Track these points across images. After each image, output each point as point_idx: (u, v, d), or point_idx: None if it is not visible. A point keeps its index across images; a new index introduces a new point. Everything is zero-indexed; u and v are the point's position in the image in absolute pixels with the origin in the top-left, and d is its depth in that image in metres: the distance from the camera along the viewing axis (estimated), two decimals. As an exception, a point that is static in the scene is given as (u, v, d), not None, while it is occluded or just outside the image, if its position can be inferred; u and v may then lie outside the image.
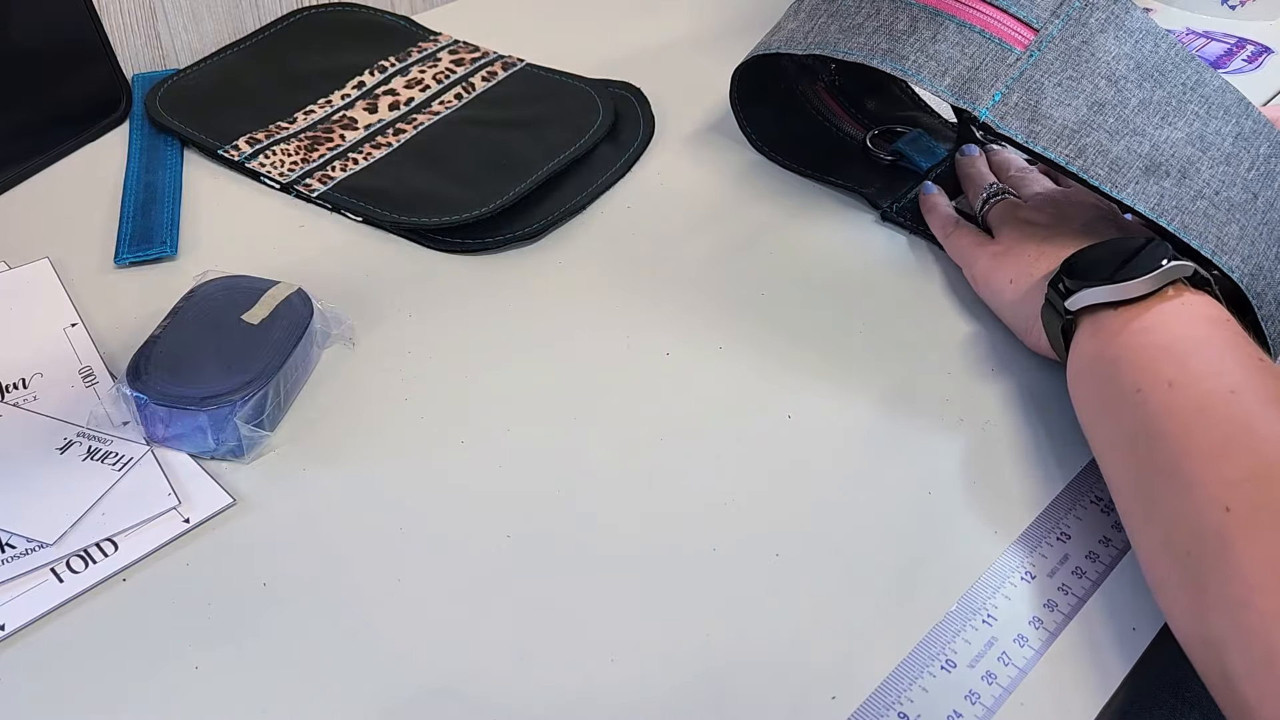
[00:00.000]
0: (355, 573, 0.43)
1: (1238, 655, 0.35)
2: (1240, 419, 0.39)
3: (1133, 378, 0.43)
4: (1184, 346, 0.43)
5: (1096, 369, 0.45)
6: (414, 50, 0.74)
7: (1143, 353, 0.43)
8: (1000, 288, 0.53)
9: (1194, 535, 0.38)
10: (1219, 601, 0.36)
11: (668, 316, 0.55)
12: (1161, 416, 0.41)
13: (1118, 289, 0.45)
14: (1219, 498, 0.38)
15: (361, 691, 0.39)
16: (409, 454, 0.48)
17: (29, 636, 0.40)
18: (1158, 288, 0.45)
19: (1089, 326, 0.46)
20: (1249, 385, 0.40)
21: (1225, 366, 0.41)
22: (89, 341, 0.52)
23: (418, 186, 0.62)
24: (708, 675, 0.40)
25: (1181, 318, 0.44)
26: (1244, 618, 0.35)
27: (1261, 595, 0.35)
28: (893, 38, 0.53)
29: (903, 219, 0.63)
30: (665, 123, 0.70)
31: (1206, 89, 0.52)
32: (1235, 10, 0.85)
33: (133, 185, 0.62)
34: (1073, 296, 0.46)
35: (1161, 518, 0.40)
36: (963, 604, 0.42)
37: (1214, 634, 0.36)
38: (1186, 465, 0.39)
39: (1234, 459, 0.38)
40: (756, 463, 0.48)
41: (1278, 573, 0.35)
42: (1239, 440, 0.39)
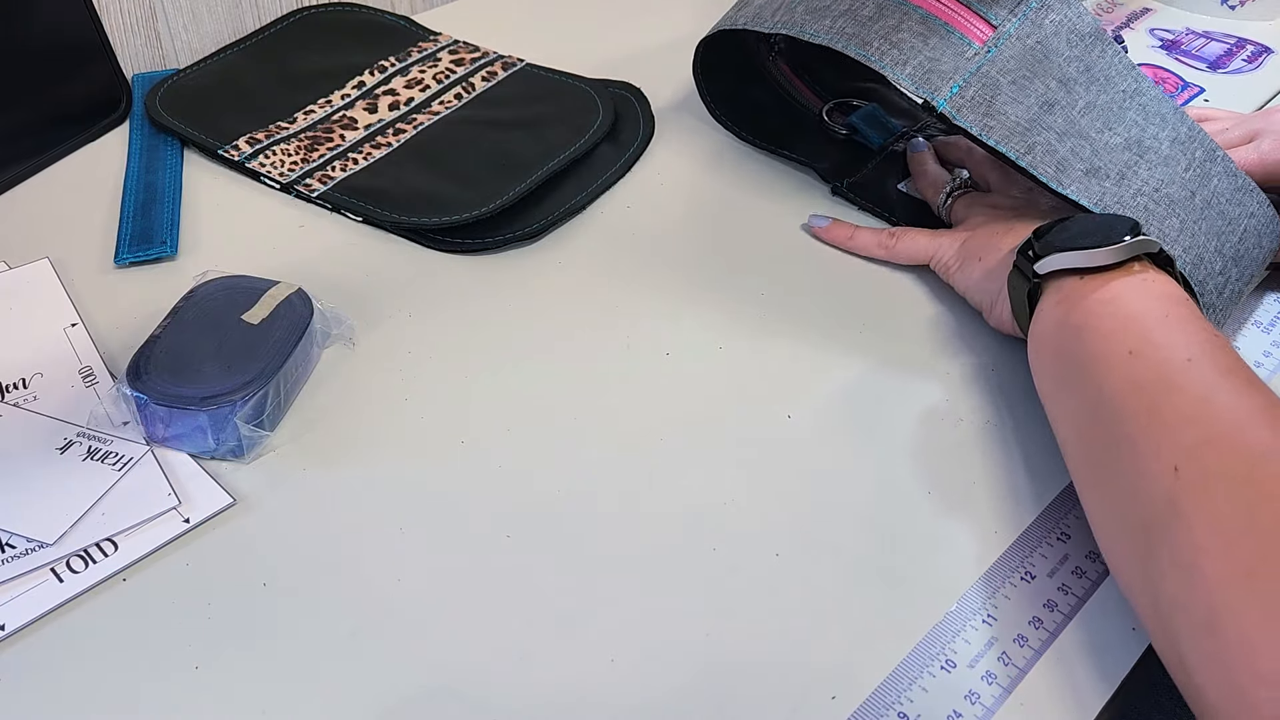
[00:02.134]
0: (355, 573, 0.43)
1: (1183, 618, 0.36)
2: (1196, 388, 0.40)
3: (1094, 346, 0.44)
4: (1145, 319, 0.43)
5: (1059, 335, 0.46)
6: (414, 50, 0.74)
7: (1105, 321, 0.44)
8: (970, 268, 0.54)
9: (1146, 501, 0.38)
10: (1168, 565, 0.37)
11: (668, 316, 0.55)
12: (1119, 383, 0.42)
13: (1086, 255, 0.46)
14: (1169, 460, 0.38)
15: (361, 691, 0.39)
16: (409, 454, 0.48)
17: (29, 636, 0.40)
18: (1124, 259, 0.45)
19: (1054, 293, 0.47)
20: (1205, 356, 0.41)
21: (1185, 340, 0.42)
22: (89, 341, 0.52)
23: (418, 186, 0.62)
24: (708, 675, 0.40)
25: (1143, 292, 0.44)
26: (1191, 580, 0.36)
27: (1208, 558, 0.35)
28: (858, 23, 0.54)
29: (854, 195, 0.64)
30: (665, 123, 0.70)
31: (1144, 97, 0.54)
32: (1235, 10, 0.85)
33: (133, 185, 0.62)
34: (1041, 260, 0.47)
35: (1116, 486, 0.40)
36: (963, 604, 0.42)
37: (1163, 598, 0.37)
38: (1142, 433, 0.40)
39: (1187, 426, 0.39)
40: (756, 462, 0.48)
41: (1225, 536, 0.35)
42: (1193, 408, 0.39)
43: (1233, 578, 0.34)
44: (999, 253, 0.52)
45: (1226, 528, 0.35)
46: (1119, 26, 0.84)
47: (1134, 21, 0.85)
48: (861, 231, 0.60)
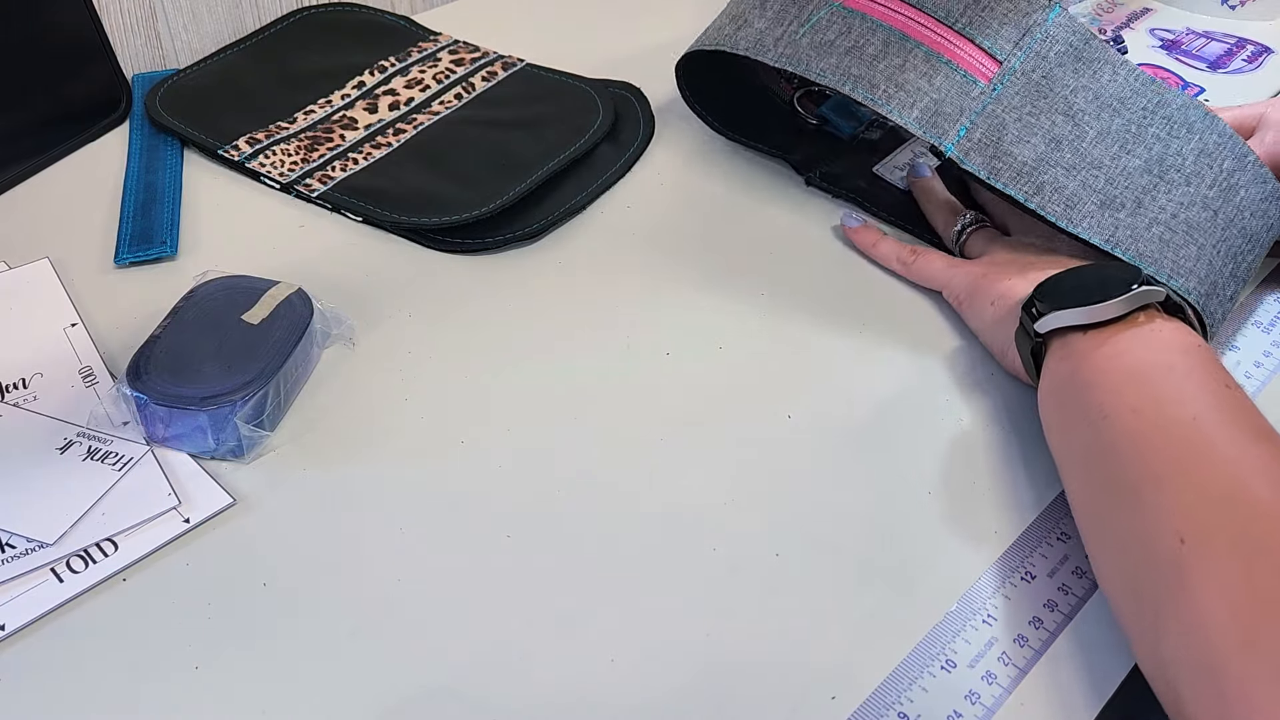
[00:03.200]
0: (355, 573, 0.43)
1: (1188, 683, 0.35)
2: (1199, 445, 0.39)
3: (1098, 401, 0.43)
4: (1150, 373, 0.42)
5: (1065, 391, 0.45)
6: (414, 50, 0.74)
7: (1109, 377, 0.43)
8: (982, 309, 0.53)
9: (1149, 561, 0.38)
10: (1172, 628, 0.36)
11: (668, 316, 0.55)
12: (1123, 440, 0.41)
13: (1087, 312, 0.45)
14: (1174, 526, 0.37)
15: (361, 691, 0.39)
16: (409, 454, 0.48)
17: (29, 636, 0.40)
18: (1127, 312, 0.44)
19: (1059, 349, 0.46)
20: (1212, 411, 0.40)
21: (1190, 393, 0.41)
22: (89, 341, 0.52)
23: (418, 186, 0.62)
24: (708, 675, 0.40)
25: (1150, 344, 0.44)
26: (1195, 647, 0.35)
27: (1213, 626, 0.35)
28: (864, 62, 0.53)
29: (826, 185, 0.64)
30: (665, 123, 0.70)
31: (1169, 109, 0.52)
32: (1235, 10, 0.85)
33: (133, 185, 0.62)
34: (1042, 319, 0.46)
35: (1120, 544, 0.40)
36: (963, 604, 0.42)
37: (1167, 659, 0.36)
38: (1143, 490, 0.39)
39: (1190, 485, 0.38)
40: (756, 462, 0.48)
41: (1230, 603, 0.35)
42: (1196, 466, 0.39)
43: (1236, 645, 0.34)
44: (1009, 300, 0.51)
45: (1229, 593, 0.35)
46: (1119, 26, 0.84)
47: (1134, 21, 0.85)
48: (886, 241, 0.59)
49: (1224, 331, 0.55)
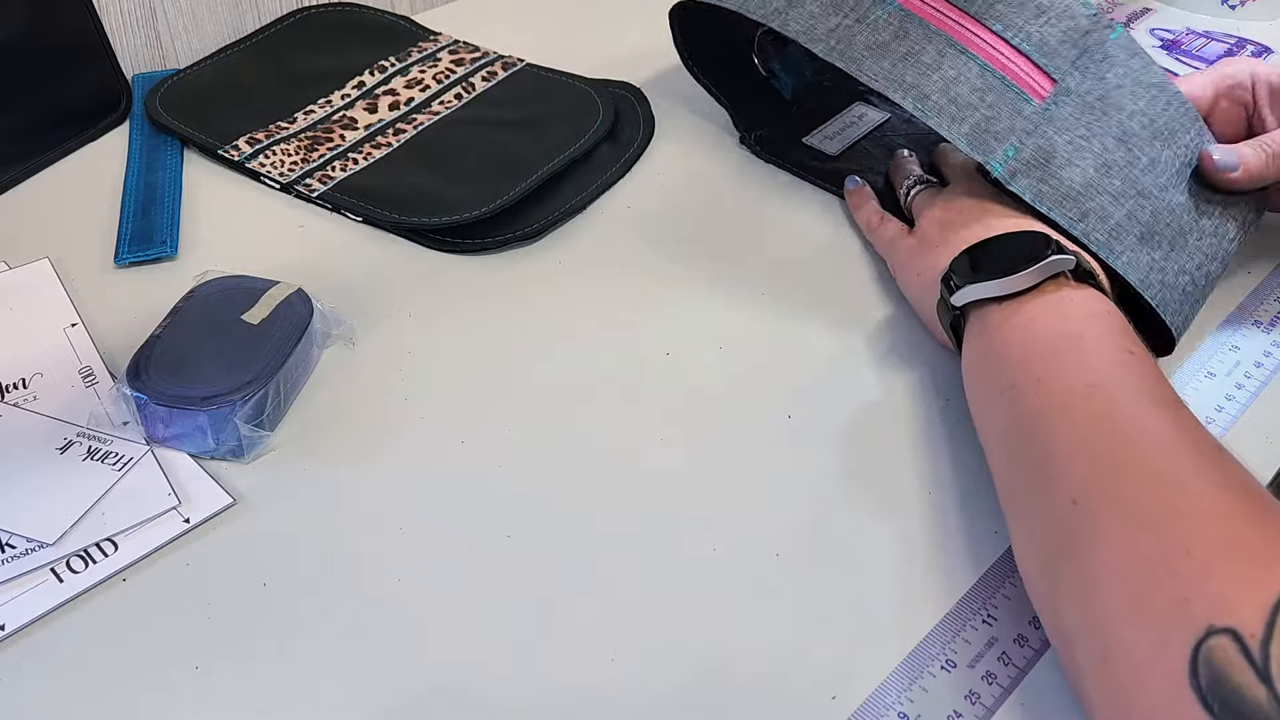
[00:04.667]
0: (355, 573, 0.43)
1: (1082, 649, 0.36)
2: (1095, 413, 0.40)
3: (1008, 375, 0.43)
4: (1055, 343, 0.43)
5: (982, 365, 0.46)
6: (414, 50, 0.74)
7: (1018, 349, 0.44)
8: (910, 280, 0.54)
9: (1049, 531, 0.38)
10: (1068, 594, 0.37)
11: (668, 316, 0.55)
12: (1027, 414, 0.42)
13: (999, 284, 0.45)
14: (1068, 491, 0.38)
15: (361, 691, 0.39)
16: (409, 453, 0.48)
17: (29, 636, 0.40)
18: (1039, 281, 0.45)
19: (976, 322, 0.47)
20: (1110, 378, 0.41)
21: (1092, 362, 0.42)
22: (89, 341, 0.52)
23: (418, 186, 0.62)
24: (708, 675, 0.40)
25: (1059, 313, 0.44)
26: (1087, 612, 0.36)
27: (1102, 589, 0.35)
28: (918, 70, 0.52)
29: (759, 149, 0.65)
30: (665, 123, 0.70)
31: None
32: (1235, 10, 0.85)
33: (133, 185, 0.62)
34: (958, 292, 0.47)
35: (1026, 513, 0.40)
36: (963, 604, 0.42)
37: (1066, 627, 0.37)
38: (1045, 463, 0.40)
39: (1086, 454, 0.39)
40: (756, 462, 0.48)
41: (1115, 567, 0.35)
42: (1093, 436, 0.39)
43: (1122, 610, 0.34)
44: (933, 271, 0.51)
45: (1117, 561, 0.35)
46: (1119, 26, 0.84)
47: (1134, 21, 0.85)
48: (869, 206, 0.60)
49: (1224, 331, 0.55)
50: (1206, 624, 0.32)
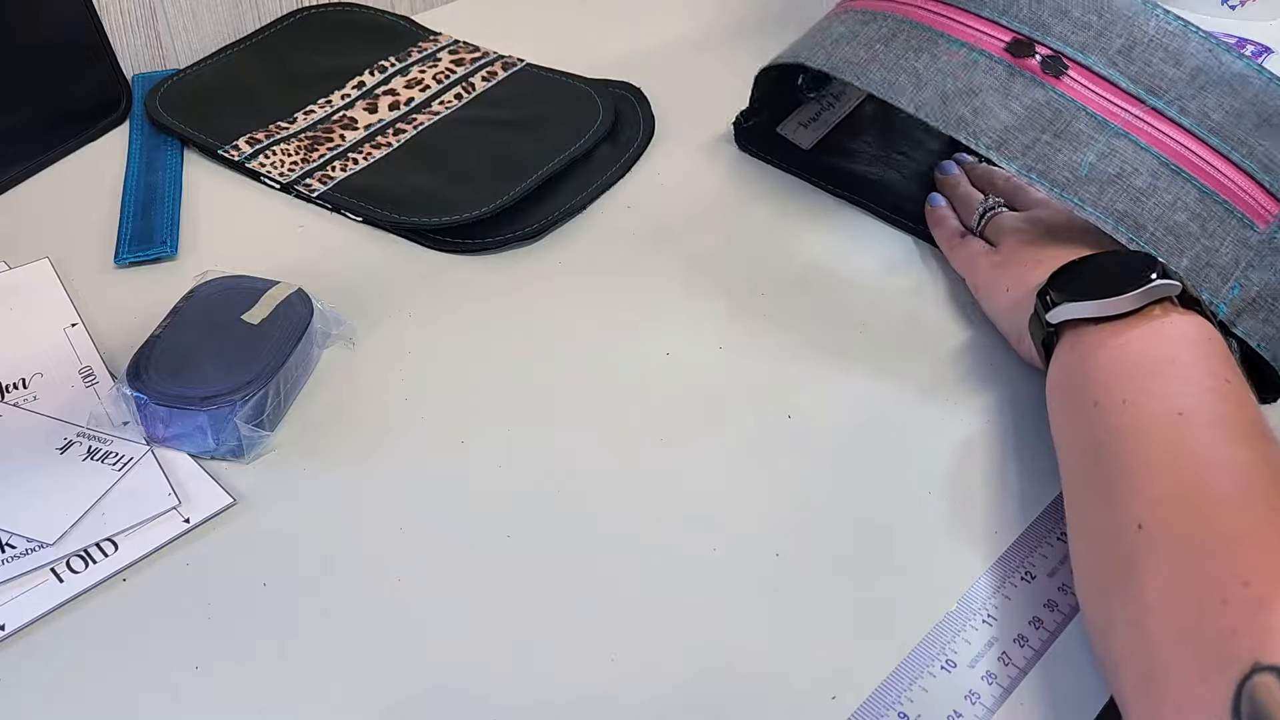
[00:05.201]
0: (355, 573, 0.43)
1: (1127, 674, 0.35)
2: (1178, 441, 0.39)
3: (1093, 393, 0.42)
4: (1150, 366, 0.42)
5: (1070, 384, 0.45)
6: (414, 50, 0.74)
7: (1110, 370, 0.43)
8: (998, 295, 0.53)
9: (1111, 552, 0.38)
10: (1120, 619, 0.36)
11: (668, 316, 0.55)
12: (1108, 433, 0.41)
13: (1099, 305, 0.44)
14: (1134, 515, 0.37)
15: (361, 691, 0.39)
16: (409, 453, 0.48)
17: (29, 636, 0.40)
18: (1141, 305, 0.44)
19: (1069, 340, 0.46)
20: (1199, 407, 0.39)
21: (1184, 389, 0.40)
22: (89, 341, 0.52)
23: (418, 186, 0.62)
24: (708, 675, 0.40)
25: (1158, 337, 0.43)
26: (1136, 638, 0.35)
27: (1155, 617, 0.35)
28: (1130, 196, 0.48)
29: (742, 142, 0.66)
30: (665, 123, 0.70)
31: None
32: (1235, 10, 0.85)
33: (133, 185, 0.62)
34: (1055, 309, 0.46)
35: (1091, 533, 0.40)
36: (963, 604, 0.42)
37: (1114, 651, 0.36)
38: (1117, 482, 0.39)
39: (1158, 479, 0.38)
40: (756, 463, 0.48)
41: (1173, 595, 0.35)
42: (1168, 462, 0.38)
43: (1170, 636, 0.34)
44: (1024, 287, 0.50)
45: (1172, 585, 0.35)
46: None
47: (1134, 21, 0.85)
48: (948, 222, 0.59)
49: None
50: (1253, 660, 0.31)
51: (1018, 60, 0.51)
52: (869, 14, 0.56)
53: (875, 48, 0.54)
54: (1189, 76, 0.49)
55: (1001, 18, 0.52)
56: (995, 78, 0.51)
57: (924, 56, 0.52)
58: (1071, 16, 0.51)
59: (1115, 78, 0.49)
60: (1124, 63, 0.49)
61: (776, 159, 0.66)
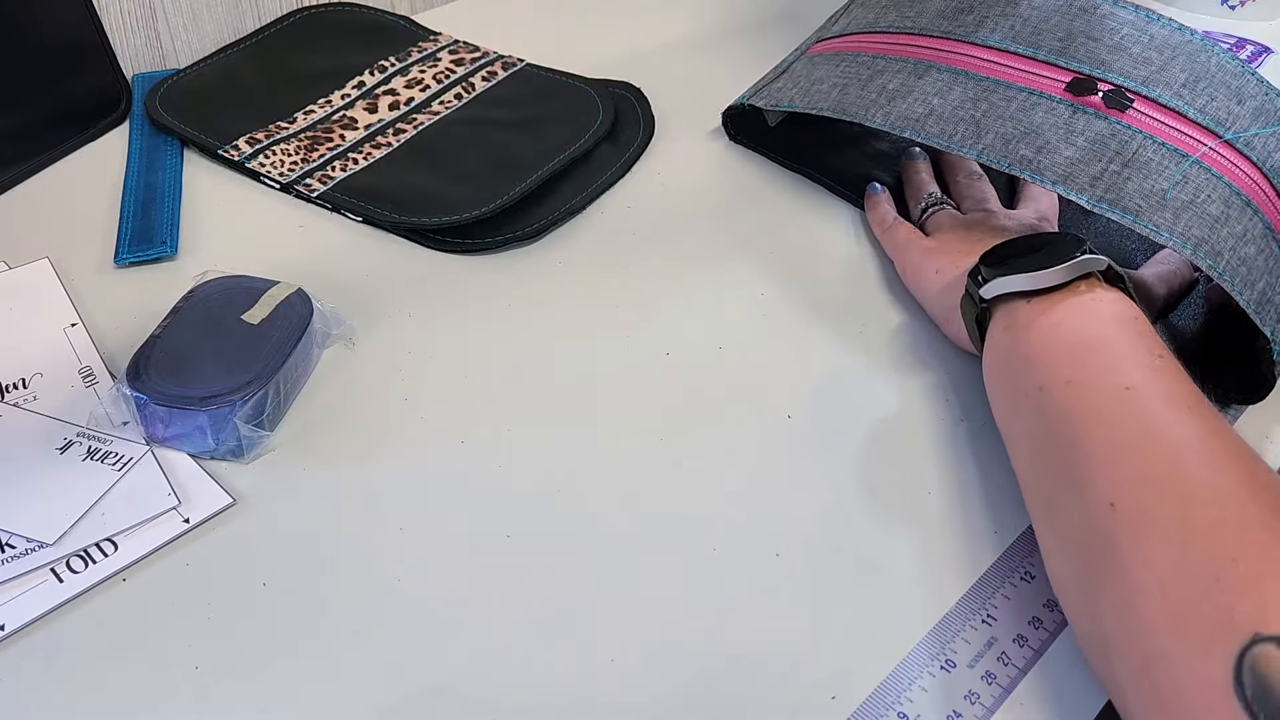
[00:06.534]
0: (355, 572, 0.43)
1: (1120, 657, 0.35)
2: (1134, 418, 0.39)
3: (1036, 375, 0.43)
4: (1088, 344, 0.43)
5: (1007, 363, 0.45)
6: (414, 50, 0.74)
7: (1047, 350, 0.43)
8: (928, 278, 0.54)
9: (1085, 536, 0.38)
10: (1106, 602, 0.36)
11: (668, 316, 0.55)
12: (1059, 416, 0.41)
13: (1029, 278, 0.45)
14: (1106, 495, 0.38)
15: (361, 691, 0.39)
16: (409, 454, 0.48)
17: (29, 636, 0.40)
18: (1069, 279, 0.45)
19: (1002, 318, 0.46)
20: (1144, 382, 0.40)
21: (1124, 365, 0.41)
22: (89, 341, 0.52)
23: (418, 186, 0.62)
24: (708, 676, 0.40)
25: (1089, 314, 0.44)
26: (1127, 619, 0.35)
27: (1144, 596, 0.35)
28: (1205, 223, 0.47)
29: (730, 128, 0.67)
30: (665, 123, 0.70)
31: None
32: (1235, 10, 0.85)
33: (133, 185, 0.62)
34: (987, 285, 0.47)
35: (1058, 518, 0.40)
36: (963, 604, 0.42)
37: (1104, 635, 0.36)
38: (1080, 466, 0.39)
39: (1123, 460, 0.38)
40: (756, 463, 0.48)
41: (1161, 574, 0.35)
42: (1130, 440, 0.39)
43: (1164, 618, 0.34)
44: (955, 269, 0.51)
45: (1160, 569, 0.35)
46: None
47: (1134, 21, 0.85)
48: (883, 207, 0.60)
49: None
50: (1252, 631, 0.32)
51: (1079, 98, 0.50)
52: (922, 65, 0.55)
53: (932, 102, 0.54)
54: (1252, 114, 0.49)
55: (1059, 59, 0.51)
56: (1057, 116, 0.50)
57: (982, 105, 0.52)
58: (1131, 53, 0.50)
59: (1183, 108, 0.49)
60: (1190, 95, 0.49)
61: (765, 147, 0.66)
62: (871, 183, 0.63)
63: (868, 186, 0.62)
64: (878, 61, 0.58)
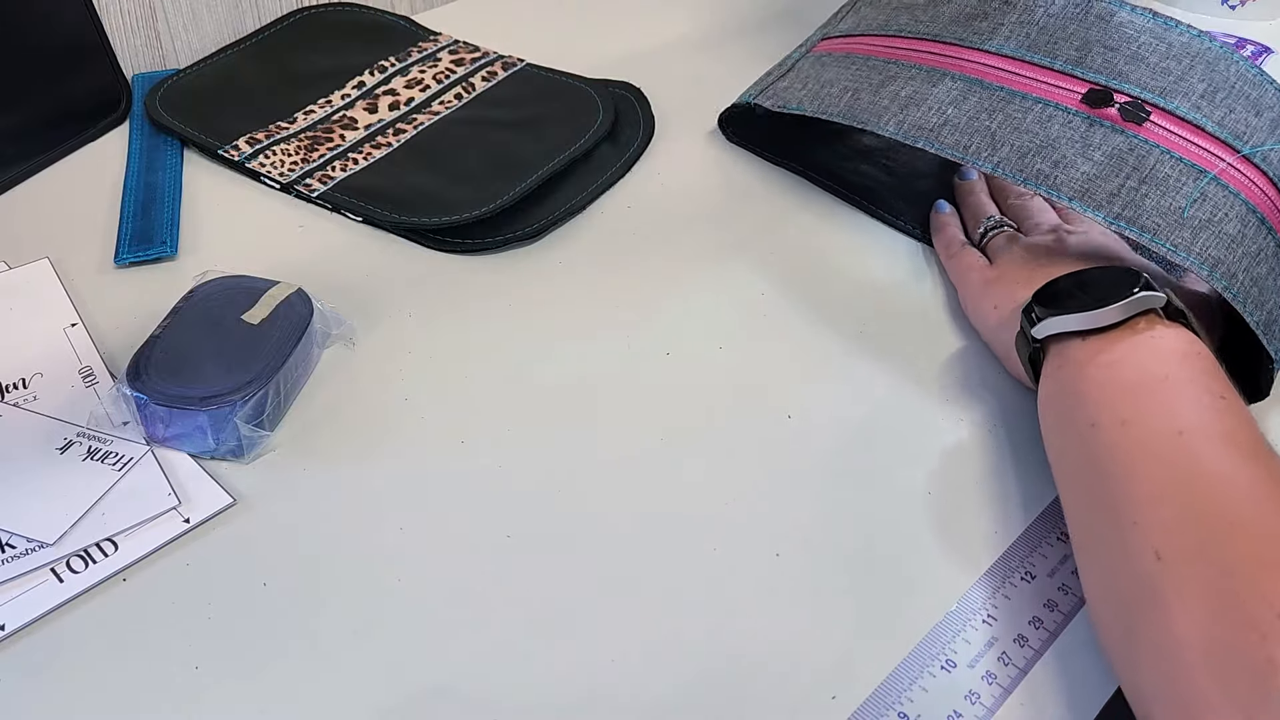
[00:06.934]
0: (355, 573, 0.43)
1: (1158, 704, 0.35)
2: (1183, 461, 0.38)
3: (1090, 413, 0.42)
4: (1145, 384, 0.41)
5: (1060, 401, 0.44)
6: (414, 50, 0.74)
7: (1103, 388, 0.42)
8: (986, 312, 0.52)
9: (1129, 580, 0.38)
10: (1147, 651, 0.36)
11: (668, 316, 0.55)
12: (1109, 455, 0.40)
13: (1084, 318, 0.44)
14: (1152, 542, 0.37)
15: (361, 691, 0.39)
16: (409, 454, 0.48)
17: (29, 636, 0.40)
18: (1126, 318, 0.43)
19: (1056, 356, 0.45)
20: (1200, 425, 0.39)
21: (1182, 406, 0.40)
22: (89, 341, 0.52)
23: (418, 186, 0.62)
24: (707, 676, 0.40)
25: (1148, 352, 0.42)
26: (1168, 670, 0.35)
27: (1187, 649, 0.34)
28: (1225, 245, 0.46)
29: (728, 128, 0.67)
30: (665, 123, 0.70)
31: None
32: (1235, 10, 0.85)
33: (133, 185, 0.62)
34: (1040, 324, 0.45)
35: (1102, 558, 0.40)
36: (963, 604, 0.42)
37: (1144, 683, 0.36)
38: (1125, 507, 0.39)
39: (1170, 502, 0.37)
40: (756, 463, 0.48)
41: (1201, 625, 0.34)
42: (1177, 484, 0.38)
43: (1205, 671, 0.34)
44: (1011, 305, 0.50)
45: (1201, 614, 0.35)
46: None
47: (1134, 21, 0.85)
48: (950, 230, 0.59)
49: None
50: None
51: (1095, 110, 0.50)
52: (936, 72, 0.55)
53: (946, 111, 0.53)
54: (1269, 126, 0.49)
55: (1075, 69, 0.51)
56: (1073, 129, 0.50)
57: (998, 117, 0.52)
58: (1149, 63, 0.50)
59: (1201, 121, 0.48)
60: (1208, 107, 0.49)
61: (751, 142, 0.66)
62: (939, 200, 0.61)
63: (934, 204, 0.60)
64: (890, 67, 0.57)
